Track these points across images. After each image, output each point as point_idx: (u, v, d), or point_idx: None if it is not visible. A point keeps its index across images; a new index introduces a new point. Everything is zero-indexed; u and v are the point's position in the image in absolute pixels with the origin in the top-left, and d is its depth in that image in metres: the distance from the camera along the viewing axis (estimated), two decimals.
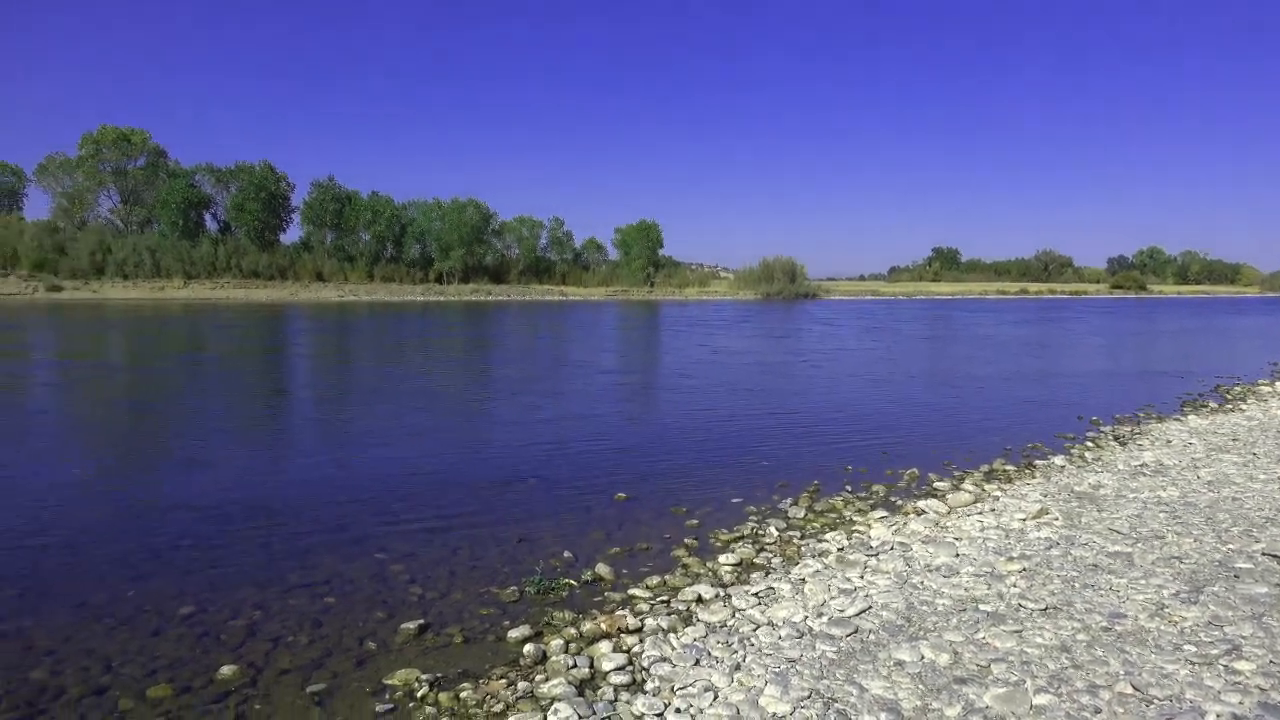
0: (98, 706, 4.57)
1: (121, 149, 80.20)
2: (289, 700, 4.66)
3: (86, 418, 14.49)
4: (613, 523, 8.08)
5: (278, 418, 14.66)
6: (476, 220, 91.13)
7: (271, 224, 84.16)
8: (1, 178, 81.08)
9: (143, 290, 69.58)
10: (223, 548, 7.19)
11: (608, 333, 39.07)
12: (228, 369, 22.12)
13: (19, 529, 7.63)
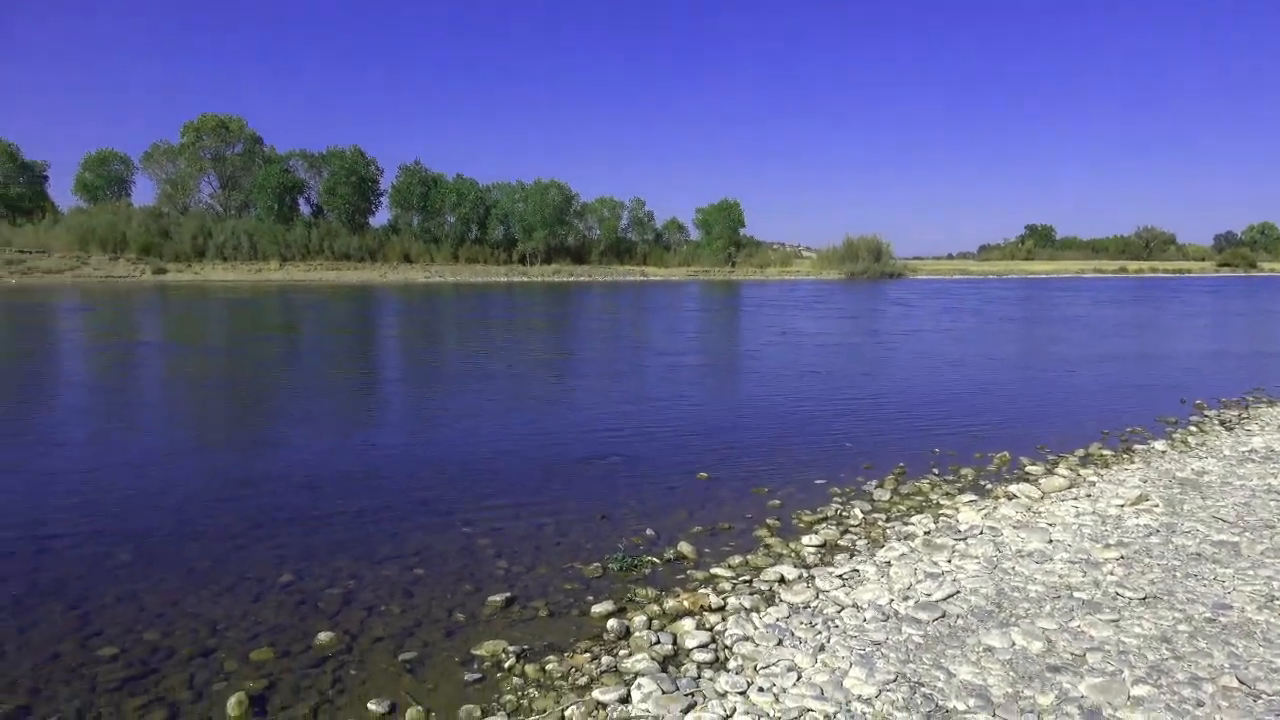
0: (205, 667, 4.81)
1: (220, 136, 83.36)
2: (382, 667, 4.82)
3: (192, 394, 15.18)
4: (694, 502, 8.10)
5: (368, 395, 15.10)
6: (559, 201, 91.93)
7: (361, 207, 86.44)
8: (111, 166, 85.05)
9: (241, 272, 72.37)
10: (318, 519, 7.47)
11: (688, 313, 39.01)
12: (321, 348, 22.88)
13: (130, 497, 8.05)
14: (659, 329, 29.17)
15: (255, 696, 4.45)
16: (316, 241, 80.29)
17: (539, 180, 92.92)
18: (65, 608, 5.57)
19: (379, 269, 79.48)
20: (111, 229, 73.08)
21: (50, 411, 13.01)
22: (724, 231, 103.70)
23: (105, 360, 19.99)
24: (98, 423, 12.18)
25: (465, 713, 4.29)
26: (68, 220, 75.62)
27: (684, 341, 24.91)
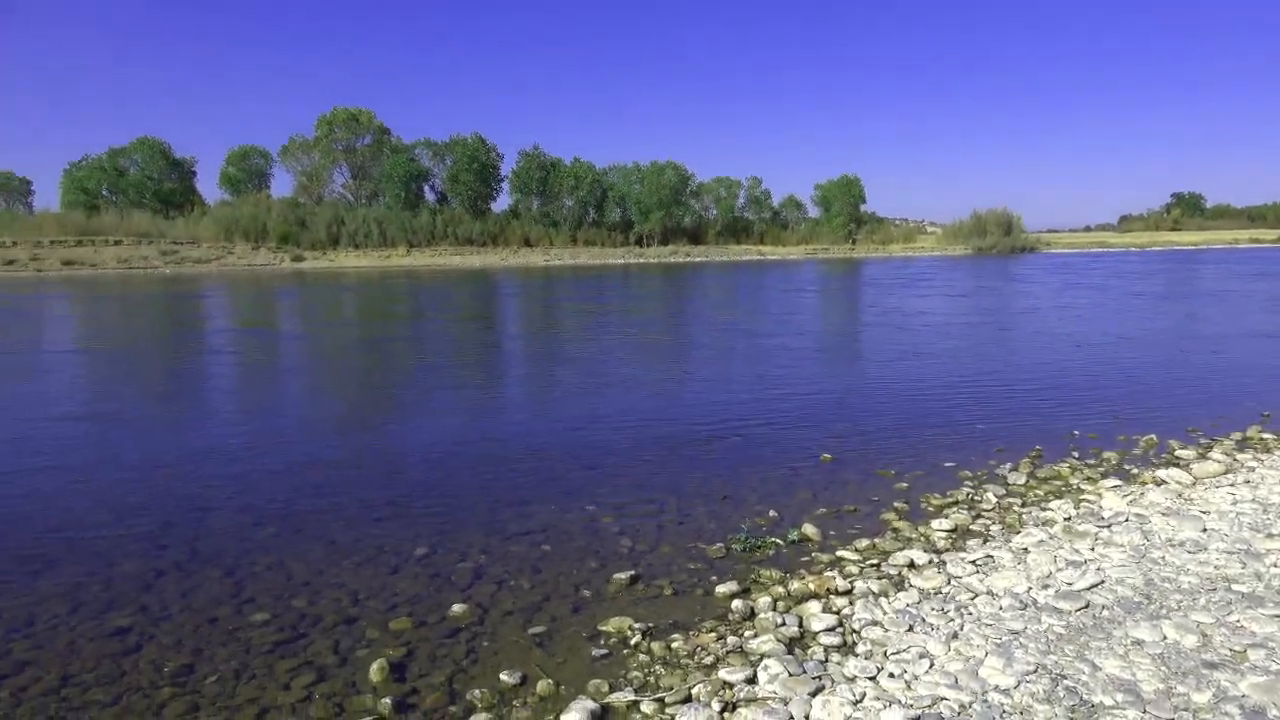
0: (348, 634, 5.05)
1: (351, 128, 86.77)
2: (513, 640, 4.95)
3: (330, 375, 15.95)
4: (819, 483, 7.97)
5: (493, 376, 15.52)
6: (675, 182, 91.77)
7: (483, 193, 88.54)
8: (252, 160, 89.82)
9: (371, 259, 75.41)
10: (450, 496, 7.72)
11: (805, 292, 38.37)
12: (446, 331, 23.62)
13: (278, 473, 8.53)
14: (776, 309, 28.81)
15: (395, 663, 4.65)
16: (441, 227, 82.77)
17: (655, 161, 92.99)
18: (222, 574, 5.95)
19: (500, 253, 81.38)
20: (253, 220, 77.23)
21: (207, 393, 13.92)
22: (844, 208, 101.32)
23: (253, 343, 21.23)
24: (248, 403, 12.95)
25: (593, 687, 4.37)
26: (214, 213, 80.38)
27: (801, 321, 24.54)
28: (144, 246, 69.99)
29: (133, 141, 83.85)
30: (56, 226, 72.17)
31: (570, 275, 55.40)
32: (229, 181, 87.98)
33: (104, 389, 14.41)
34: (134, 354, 19.01)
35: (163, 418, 11.66)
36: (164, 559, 6.22)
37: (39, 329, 25.14)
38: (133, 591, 5.66)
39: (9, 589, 5.70)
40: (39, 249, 66.72)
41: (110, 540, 6.61)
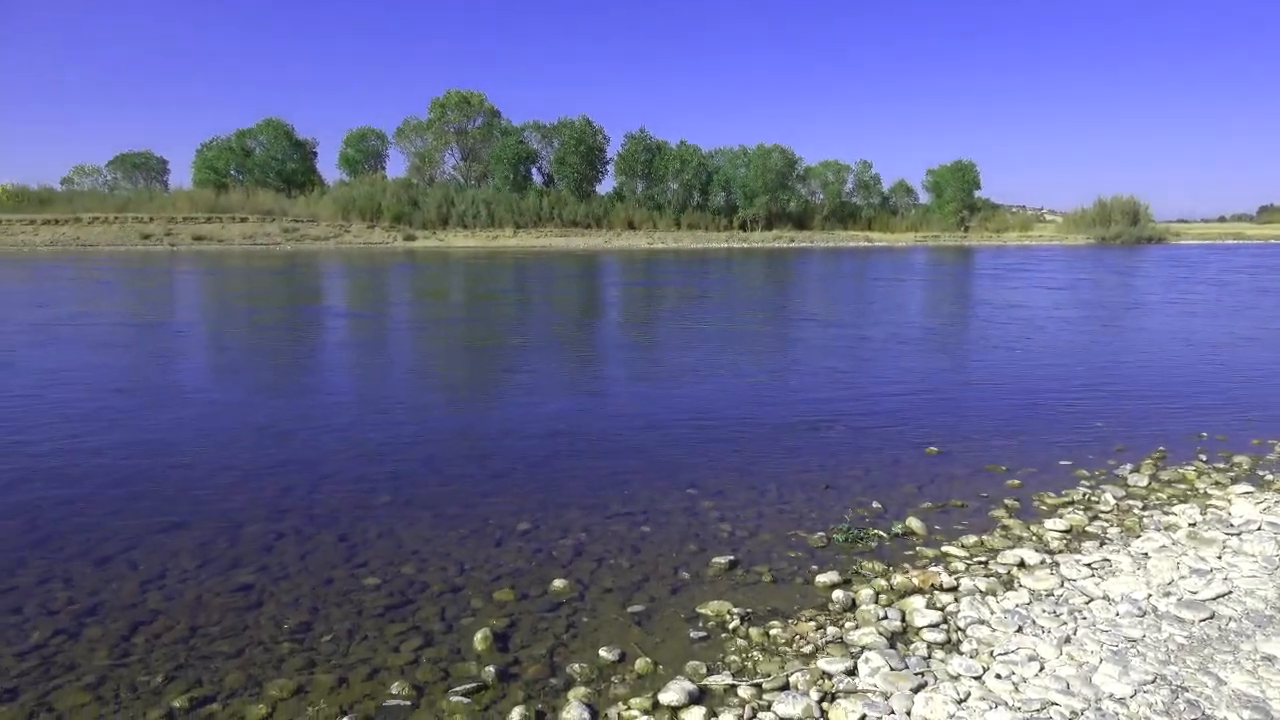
0: (454, 602, 5.21)
1: (463, 110, 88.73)
2: (612, 617, 5.02)
3: (440, 350, 16.42)
4: (924, 476, 7.78)
5: (595, 355, 15.69)
6: (781, 166, 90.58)
7: (589, 175, 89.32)
8: (369, 142, 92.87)
9: (479, 239, 77.13)
10: (552, 473, 7.86)
11: (914, 280, 37.37)
12: (552, 310, 23.99)
13: (389, 444, 8.84)
14: (882, 297, 28.17)
15: (498, 633, 4.77)
16: (547, 209, 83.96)
17: (761, 145, 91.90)
18: (336, 539, 6.21)
19: (604, 235, 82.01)
20: (369, 200, 79.95)
21: (324, 365, 14.53)
22: (957, 194, 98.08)
23: (365, 318, 22.05)
24: (360, 376, 13.46)
25: (691, 669, 4.39)
26: (333, 192, 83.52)
27: (908, 310, 23.93)
28: (267, 224, 73.36)
29: (259, 123, 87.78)
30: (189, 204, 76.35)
31: (672, 259, 55.43)
32: (347, 162, 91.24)
33: (229, 359, 15.20)
34: (257, 326, 19.99)
35: (283, 388, 12.23)
36: (283, 523, 6.54)
37: (174, 300, 26.70)
38: (255, 551, 5.97)
39: (145, 544, 6.09)
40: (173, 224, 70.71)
41: (235, 503, 6.99)
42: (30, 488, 7.30)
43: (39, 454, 8.34)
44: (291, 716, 3.98)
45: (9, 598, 5.21)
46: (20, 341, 16.25)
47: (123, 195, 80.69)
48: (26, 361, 13.99)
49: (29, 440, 8.88)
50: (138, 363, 14.23)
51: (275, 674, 4.35)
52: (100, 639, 4.71)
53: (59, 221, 69.38)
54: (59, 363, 13.86)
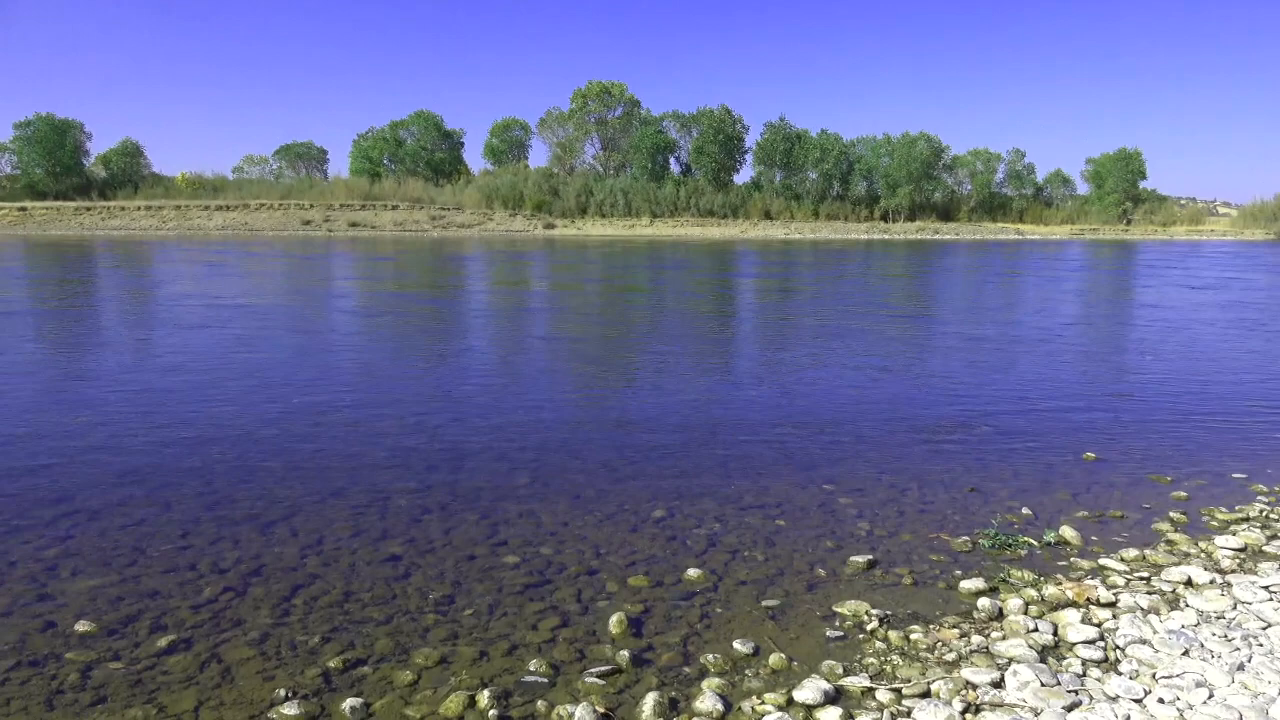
0: (590, 585, 5.29)
1: (604, 101, 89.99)
2: (746, 609, 4.98)
3: (577, 336, 16.72)
4: (1079, 483, 7.36)
5: (729, 345, 15.61)
6: (927, 155, 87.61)
7: (727, 165, 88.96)
8: (513, 132, 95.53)
9: (616, 228, 78.10)
10: (686, 461, 7.87)
11: (1071, 275, 35.39)
12: (686, 298, 24.03)
13: (528, 428, 9.07)
14: (1034, 293, 26.82)
15: (633, 619, 4.81)
16: (684, 199, 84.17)
17: (906, 133, 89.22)
18: (478, 517, 6.42)
19: (740, 225, 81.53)
20: (512, 188, 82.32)
21: (464, 348, 15.05)
22: (1119, 185, 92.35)
23: (506, 303, 22.71)
24: (501, 359, 13.87)
25: (827, 668, 4.30)
26: (477, 181, 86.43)
27: (1063, 307, 22.68)
28: (416, 211, 76.58)
29: (411, 115, 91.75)
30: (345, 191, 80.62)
31: (810, 249, 54.54)
32: (492, 152, 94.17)
33: (380, 339, 15.95)
34: (406, 309, 20.91)
35: (429, 369, 12.74)
36: (429, 498, 6.80)
37: (334, 281, 28.26)
38: (403, 524, 6.24)
39: (304, 511, 6.46)
40: (330, 211, 74.82)
41: (385, 477, 7.32)
42: (206, 453, 7.87)
43: (215, 422, 8.99)
44: (435, 685, 4.13)
45: (186, 555, 5.63)
46: (204, 318, 17.57)
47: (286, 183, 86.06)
48: (203, 337, 15.11)
49: (203, 409, 9.59)
50: (297, 340, 15.14)
51: (421, 643, 4.53)
52: (264, 598, 5.03)
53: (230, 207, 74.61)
54: (233, 337, 14.91)
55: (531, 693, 4.07)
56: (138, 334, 16.10)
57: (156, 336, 15.56)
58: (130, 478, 7.16)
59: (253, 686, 4.08)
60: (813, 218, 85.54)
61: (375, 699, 4.00)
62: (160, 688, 4.07)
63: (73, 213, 70.86)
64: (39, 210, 70.82)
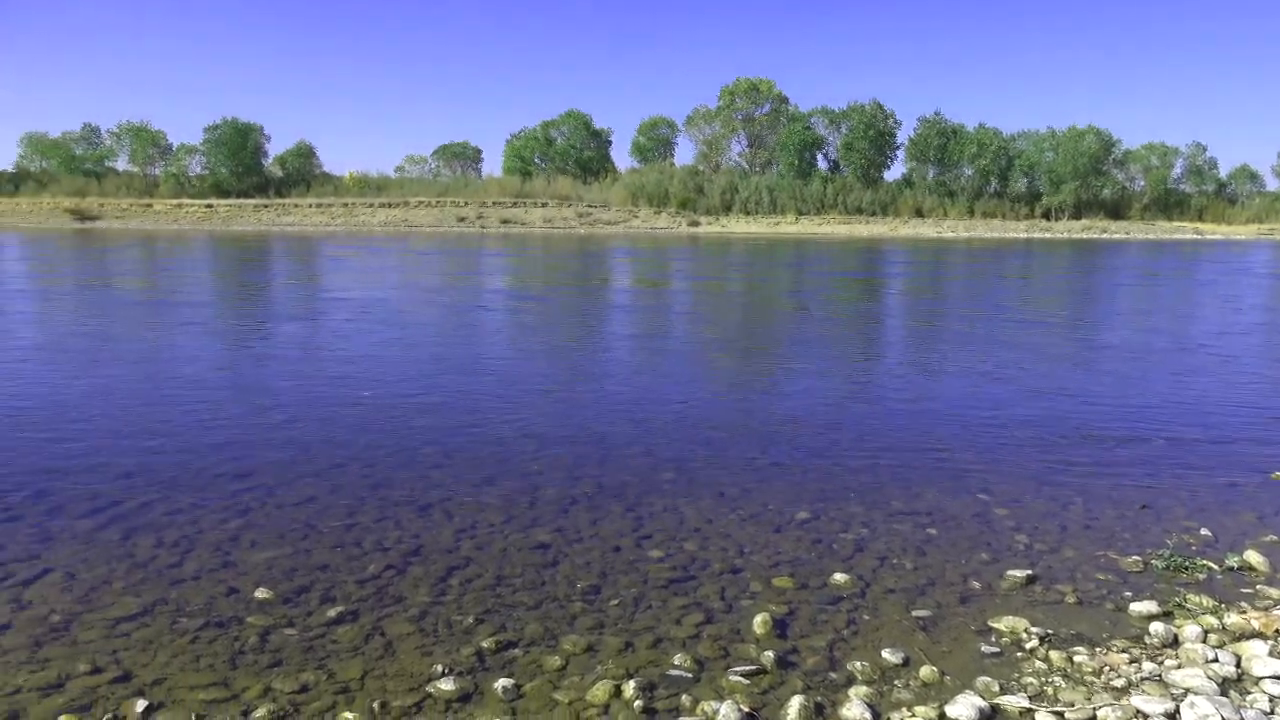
0: (734, 583, 5.27)
1: (751, 98, 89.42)
2: (895, 618, 4.84)
3: (716, 332, 16.71)
4: (1267, 505, 6.77)
5: (877, 345, 15.22)
6: (1095, 149, 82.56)
7: (877, 161, 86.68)
8: (659, 130, 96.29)
9: (760, 225, 77.50)
10: (831, 463, 7.72)
11: (1257, 279, 32.55)
12: (832, 297, 23.58)
13: (671, 424, 9.12)
14: (1212, 297, 24.83)
15: (777, 620, 4.77)
16: (831, 196, 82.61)
17: (1073, 127, 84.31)
18: (624, 510, 6.51)
19: (889, 223, 79.30)
20: (657, 186, 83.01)
21: (611, 342, 15.30)
22: None
23: (651, 299, 22.94)
24: (645, 355, 14.01)
25: (982, 685, 4.13)
26: (624, 179, 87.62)
27: (1246, 313, 20.90)
28: (564, 209, 78.41)
29: (561, 114, 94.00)
30: (498, 189, 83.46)
31: (963, 248, 52.43)
32: (639, 150, 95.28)
33: (527, 332, 16.44)
34: (554, 303, 21.46)
35: (575, 361, 13.03)
36: (576, 490, 6.96)
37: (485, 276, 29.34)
38: (551, 514, 6.41)
39: (459, 496, 6.73)
40: (484, 208, 77.62)
41: (535, 466, 7.54)
42: (369, 437, 8.33)
43: (377, 407, 9.51)
44: (583, 672, 4.22)
45: (352, 532, 5.98)
46: (366, 309, 18.61)
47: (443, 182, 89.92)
48: (366, 326, 16.00)
49: (366, 395, 10.15)
50: (450, 332, 15.80)
51: (569, 630, 4.64)
52: (422, 577, 5.28)
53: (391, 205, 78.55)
54: (394, 327, 15.73)
55: (676, 686, 4.10)
56: (308, 322, 17.20)
57: (324, 325, 16.59)
58: (301, 458, 7.66)
59: (412, 660, 4.29)
60: (967, 215, 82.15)
61: (525, 681, 4.12)
62: (329, 655, 4.34)
63: (252, 210, 76.37)
64: (223, 207, 76.71)
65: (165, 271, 30.94)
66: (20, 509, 6.26)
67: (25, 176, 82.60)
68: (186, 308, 19.47)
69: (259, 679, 4.10)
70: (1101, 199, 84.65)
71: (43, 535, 5.81)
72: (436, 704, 3.94)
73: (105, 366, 11.90)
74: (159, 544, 5.70)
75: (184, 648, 4.38)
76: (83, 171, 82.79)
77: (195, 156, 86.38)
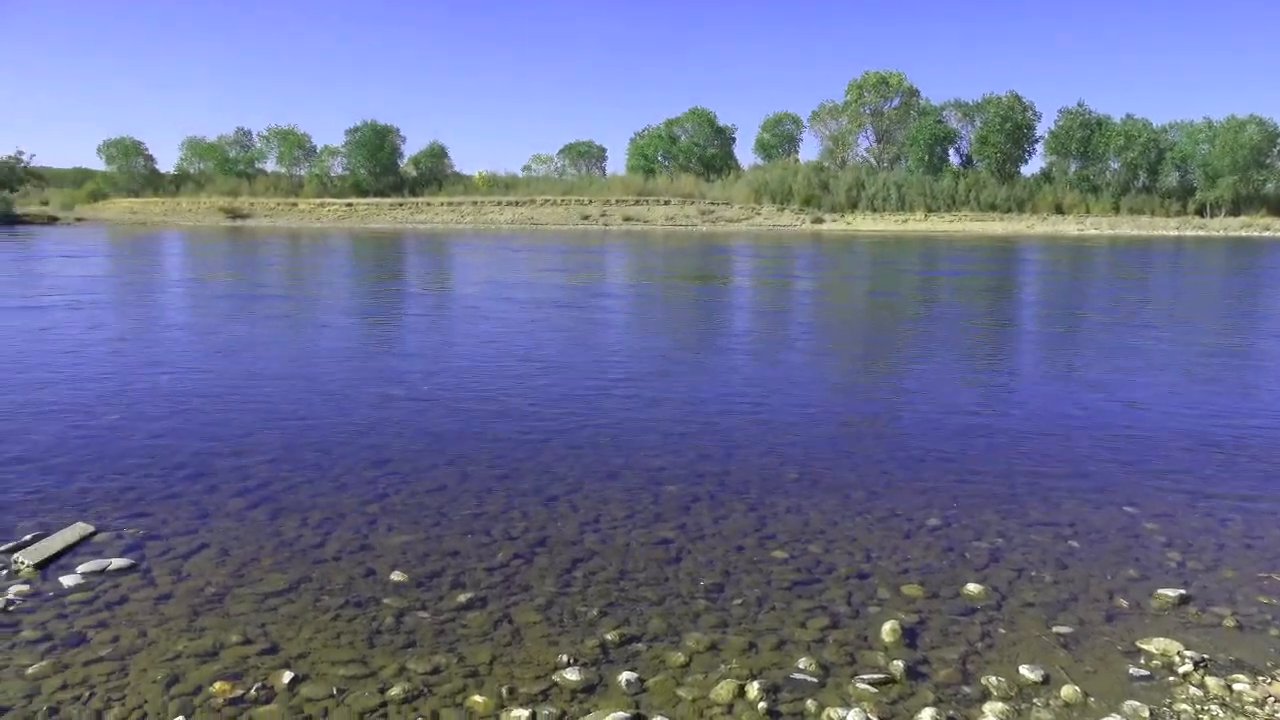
0: (860, 588, 5.15)
1: (880, 91, 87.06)
2: (1033, 633, 4.62)
3: (840, 331, 16.38)
4: None
5: (1011, 347, 14.58)
6: (1257, 141, 76.53)
7: (1013, 156, 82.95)
8: (784, 126, 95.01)
9: (887, 223, 75.48)
10: (964, 469, 7.44)
11: None
12: (959, 297, 22.75)
13: (795, 424, 8.99)
14: None
15: (907, 628, 4.62)
16: (963, 192, 79.61)
17: (1232, 117, 78.38)
18: (747, 509, 6.46)
19: (1026, 220, 75.79)
20: (781, 183, 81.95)
21: (731, 341, 15.21)
22: None
23: (773, 296, 22.68)
24: (766, 352, 13.86)
25: (1130, 709, 3.89)
26: (746, 176, 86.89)
27: None
28: (686, 206, 78.47)
29: (685, 112, 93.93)
30: (621, 188, 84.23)
31: (1105, 246, 49.64)
32: (762, 147, 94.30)
33: (649, 328, 16.53)
34: (676, 300, 21.50)
35: (696, 360, 13.01)
36: (700, 487, 6.94)
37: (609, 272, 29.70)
38: (675, 510, 6.42)
39: (584, 490, 6.82)
40: (607, 206, 78.52)
41: (657, 462, 7.57)
42: (497, 428, 8.55)
43: (504, 398, 9.75)
44: (706, 670, 4.21)
45: (481, 520, 6.15)
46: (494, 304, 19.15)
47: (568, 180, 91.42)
48: (493, 321, 16.45)
49: (494, 386, 10.42)
50: (571, 326, 16.05)
51: (692, 627, 4.63)
52: (548, 568, 5.37)
53: (518, 204, 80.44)
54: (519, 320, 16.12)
55: (801, 690, 4.03)
56: (438, 316, 17.81)
57: (456, 318, 17.14)
58: (433, 448, 7.93)
59: (539, 649, 4.38)
60: (1111, 212, 77.62)
61: (649, 676, 4.14)
62: (460, 640, 4.47)
63: (388, 208, 79.61)
64: (362, 206, 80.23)
65: (312, 267, 32.66)
66: (180, 488, 6.71)
67: (185, 178, 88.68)
68: (331, 301, 20.49)
69: (394, 658, 4.27)
70: (1263, 194, 78.48)
71: (200, 512, 6.21)
72: (562, 693, 4.00)
73: (254, 354, 12.63)
74: (303, 524, 6.01)
75: (326, 624, 4.60)
76: (235, 173, 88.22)
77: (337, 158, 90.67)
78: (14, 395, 9.72)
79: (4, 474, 6.93)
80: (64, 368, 11.32)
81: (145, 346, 13.50)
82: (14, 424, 8.47)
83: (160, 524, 5.97)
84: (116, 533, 5.80)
